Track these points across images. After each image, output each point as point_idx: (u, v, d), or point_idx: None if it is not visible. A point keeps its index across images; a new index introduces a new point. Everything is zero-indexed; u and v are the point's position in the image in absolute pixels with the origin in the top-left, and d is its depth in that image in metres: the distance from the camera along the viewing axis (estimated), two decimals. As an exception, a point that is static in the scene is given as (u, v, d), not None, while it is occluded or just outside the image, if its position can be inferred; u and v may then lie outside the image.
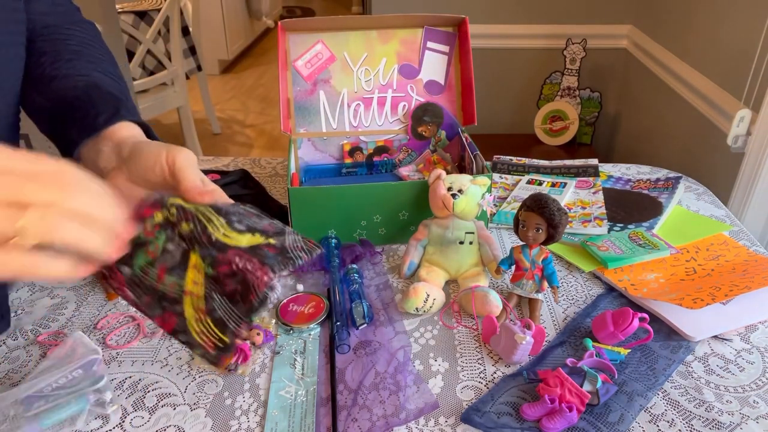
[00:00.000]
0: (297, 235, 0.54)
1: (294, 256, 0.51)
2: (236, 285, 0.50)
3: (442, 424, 0.65)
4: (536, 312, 0.80)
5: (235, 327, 0.50)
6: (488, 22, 2.09)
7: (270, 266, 0.49)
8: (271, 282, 0.49)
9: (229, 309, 0.50)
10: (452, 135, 1.11)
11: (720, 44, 1.49)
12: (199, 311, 0.50)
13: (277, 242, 0.51)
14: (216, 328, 0.50)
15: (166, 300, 0.50)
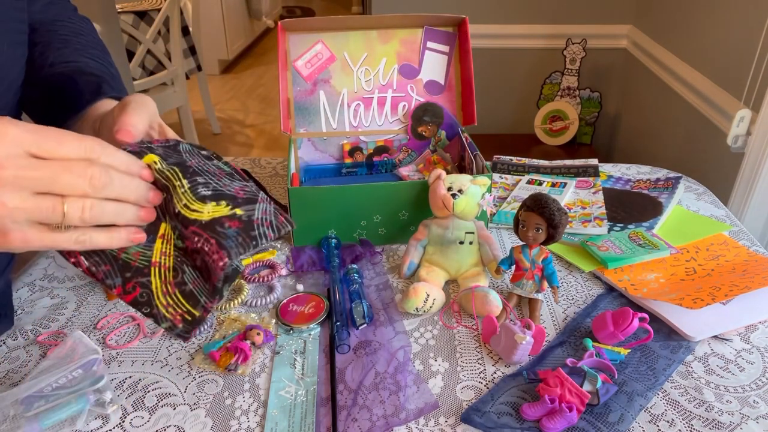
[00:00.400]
0: (270, 204, 0.50)
1: (259, 234, 0.48)
2: (202, 261, 0.48)
3: (442, 424, 0.65)
4: (536, 312, 0.80)
5: (207, 301, 0.48)
6: (488, 22, 2.09)
7: (227, 250, 0.46)
8: (226, 268, 0.47)
9: (201, 283, 0.49)
10: (452, 135, 1.11)
11: (720, 44, 1.49)
12: (168, 284, 0.48)
13: (244, 214, 0.48)
14: (185, 301, 0.49)
15: (129, 270, 0.48)
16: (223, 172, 0.50)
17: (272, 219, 0.49)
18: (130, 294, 0.48)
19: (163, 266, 0.48)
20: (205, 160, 0.50)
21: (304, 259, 0.92)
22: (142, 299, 0.48)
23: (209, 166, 0.50)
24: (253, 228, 0.48)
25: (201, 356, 0.73)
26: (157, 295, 0.48)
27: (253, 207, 0.49)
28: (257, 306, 0.83)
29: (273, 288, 0.85)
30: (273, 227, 0.49)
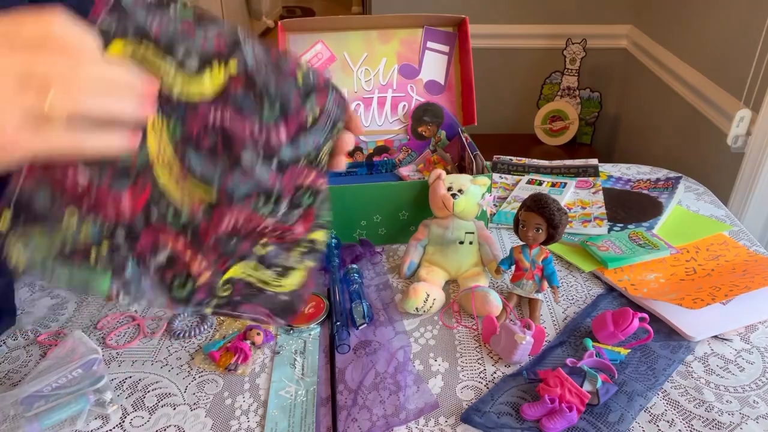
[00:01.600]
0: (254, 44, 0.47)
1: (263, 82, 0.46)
2: (214, 138, 0.46)
3: (442, 424, 0.65)
4: (536, 312, 0.80)
5: (219, 182, 0.47)
6: (488, 22, 2.09)
7: (248, 114, 0.46)
8: (256, 135, 0.47)
9: (210, 165, 0.46)
10: (452, 135, 1.11)
11: (720, 44, 1.49)
12: (176, 174, 0.46)
13: (238, 68, 0.46)
14: (200, 184, 0.47)
15: (134, 170, 0.44)
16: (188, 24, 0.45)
17: (264, 57, 0.47)
18: (141, 195, 0.45)
19: (162, 162, 0.45)
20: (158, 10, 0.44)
21: (304, 259, 0.92)
22: (155, 196, 0.46)
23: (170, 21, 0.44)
24: (253, 79, 0.47)
25: (201, 356, 0.73)
26: (168, 187, 0.46)
27: (240, 54, 0.46)
28: (257, 306, 0.83)
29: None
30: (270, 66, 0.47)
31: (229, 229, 0.50)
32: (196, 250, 0.49)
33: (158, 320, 0.80)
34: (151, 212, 0.46)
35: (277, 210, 0.52)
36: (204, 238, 0.49)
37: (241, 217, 0.50)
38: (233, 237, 0.50)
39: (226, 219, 0.49)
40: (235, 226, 0.50)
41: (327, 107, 0.52)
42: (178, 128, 0.45)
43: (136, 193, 0.45)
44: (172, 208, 0.47)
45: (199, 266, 0.49)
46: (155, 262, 0.47)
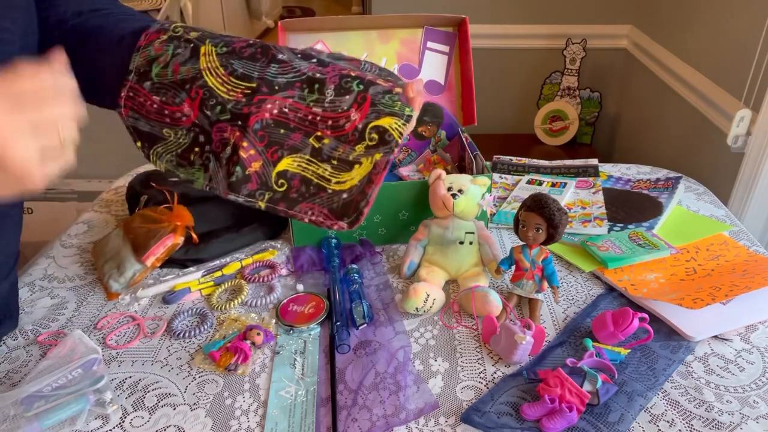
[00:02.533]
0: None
1: None
2: (253, 49, 0.57)
3: (442, 424, 0.65)
4: (536, 312, 0.80)
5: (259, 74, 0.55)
6: (488, 22, 2.09)
7: None
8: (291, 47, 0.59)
9: (250, 65, 0.55)
10: (452, 135, 1.11)
11: (720, 44, 1.49)
12: (221, 77, 0.55)
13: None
14: (241, 80, 0.56)
15: (187, 83, 0.55)
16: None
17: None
18: (196, 99, 0.55)
19: (212, 67, 0.55)
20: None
21: (304, 259, 0.92)
22: (206, 96, 0.55)
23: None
24: None
25: (201, 356, 0.73)
26: (215, 87, 0.55)
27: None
28: (257, 306, 0.83)
29: (273, 288, 0.85)
30: None
31: (274, 115, 0.55)
32: (242, 134, 0.55)
33: (158, 320, 0.80)
34: (206, 112, 0.55)
35: (323, 97, 0.56)
36: (248, 122, 0.55)
37: (285, 104, 0.55)
38: (282, 126, 0.55)
39: (268, 104, 0.55)
40: (282, 114, 0.55)
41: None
42: (223, 46, 0.56)
43: (192, 99, 0.55)
44: (219, 106, 0.55)
45: (248, 152, 0.55)
46: (225, 156, 0.55)
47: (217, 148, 0.56)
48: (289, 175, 0.56)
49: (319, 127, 0.56)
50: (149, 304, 0.84)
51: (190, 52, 0.56)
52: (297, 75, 0.56)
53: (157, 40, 0.57)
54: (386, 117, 0.57)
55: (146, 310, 0.82)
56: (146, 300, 0.84)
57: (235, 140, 0.55)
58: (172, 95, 0.56)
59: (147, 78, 0.56)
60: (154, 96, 0.56)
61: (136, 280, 0.85)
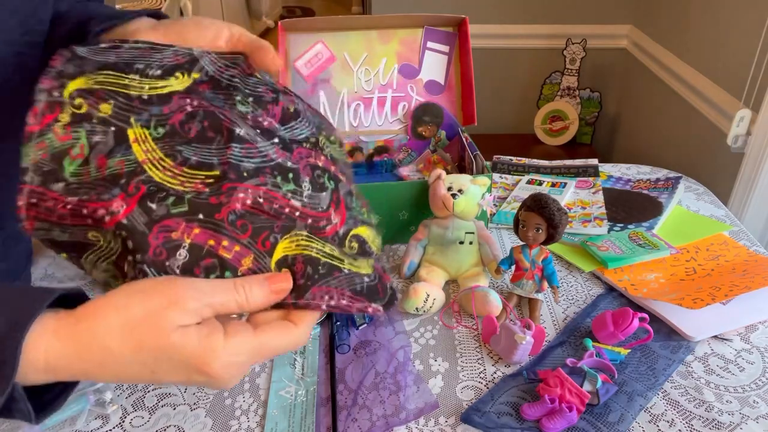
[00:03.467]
0: (210, 55, 0.49)
1: (227, 80, 0.49)
2: (200, 124, 0.44)
3: (442, 424, 0.65)
4: (536, 312, 0.80)
5: (219, 159, 0.44)
6: (488, 22, 2.09)
7: (223, 106, 0.46)
8: (241, 116, 0.46)
9: (204, 150, 0.44)
10: (452, 135, 1.11)
11: (720, 44, 1.49)
12: (170, 169, 0.43)
13: (201, 75, 0.47)
14: (198, 170, 0.43)
15: (121, 177, 0.42)
16: (144, 50, 0.47)
17: (222, 61, 0.50)
18: (135, 195, 0.41)
19: (154, 159, 0.43)
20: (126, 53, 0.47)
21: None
22: (152, 190, 0.42)
23: (125, 51, 0.47)
24: (218, 82, 0.48)
25: (201, 356, 0.73)
26: (165, 181, 0.42)
27: (199, 65, 0.48)
28: (257, 306, 0.83)
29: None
30: (231, 68, 0.49)
31: (248, 205, 0.43)
32: (216, 231, 0.42)
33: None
34: (149, 207, 0.41)
35: (300, 189, 0.46)
36: (219, 215, 0.43)
37: (259, 192, 0.44)
38: (259, 215, 0.44)
39: (240, 193, 0.43)
40: (256, 204, 0.44)
41: (298, 106, 0.51)
42: (159, 126, 0.44)
43: (128, 195, 0.42)
44: (173, 197, 0.42)
45: (231, 250, 0.42)
46: (177, 263, 0.41)
47: (158, 256, 0.41)
48: (290, 260, 0.44)
49: (297, 225, 0.45)
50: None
51: (115, 140, 0.42)
52: (265, 160, 0.45)
53: (57, 124, 0.42)
54: (362, 226, 0.50)
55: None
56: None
57: (199, 240, 0.42)
58: (97, 192, 0.41)
59: (57, 179, 0.41)
60: (69, 197, 0.41)
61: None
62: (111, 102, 0.43)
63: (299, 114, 0.50)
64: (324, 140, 0.52)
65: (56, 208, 0.42)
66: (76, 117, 0.42)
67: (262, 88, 0.49)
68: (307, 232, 0.45)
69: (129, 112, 0.43)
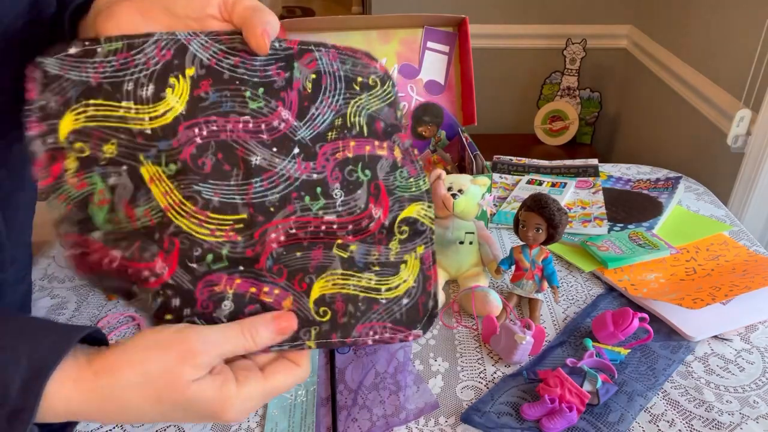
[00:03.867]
0: (199, 36, 0.43)
1: (228, 68, 0.43)
2: (214, 157, 0.41)
3: (442, 424, 0.65)
4: (536, 312, 0.80)
5: (243, 198, 0.42)
6: (488, 22, 2.09)
7: (232, 109, 0.42)
8: (254, 127, 0.42)
9: (224, 188, 0.42)
10: (452, 135, 1.11)
11: (720, 44, 1.49)
12: (194, 214, 0.41)
13: (196, 68, 0.42)
14: (225, 215, 0.42)
15: (154, 232, 0.41)
16: (123, 54, 0.41)
17: (216, 44, 0.43)
18: (172, 252, 0.41)
19: (175, 204, 0.41)
20: (86, 58, 0.41)
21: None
22: (185, 245, 0.41)
23: (103, 63, 0.41)
24: (218, 72, 0.42)
25: (201, 356, 0.73)
26: (193, 231, 0.41)
27: (189, 54, 0.42)
28: (257, 306, 0.83)
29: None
30: (228, 50, 0.43)
31: (282, 242, 0.43)
32: (257, 280, 0.43)
33: (158, 320, 0.80)
34: (191, 266, 0.42)
35: (332, 201, 0.44)
36: (258, 264, 0.43)
37: (290, 223, 0.43)
38: (295, 249, 0.44)
39: (272, 234, 0.43)
40: (290, 236, 0.43)
41: (319, 66, 0.45)
42: (170, 163, 0.41)
43: (166, 253, 0.41)
44: (211, 254, 0.42)
45: (272, 295, 0.43)
46: (224, 313, 0.42)
47: (205, 309, 0.42)
48: (328, 299, 0.44)
49: (338, 234, 0.45)
50: (149, 304, 0.84)
51: (132, 181, 0.41)
52: (289, 183, 0.43)
53: (68, 173, 0.40)
54: (410, 205, 0.47)
55: (146, 310, 0.82)
56: (146, 300, 0.84)
57: (242, 290, 0.43)
58: (138, 249, 0.41)
59: (91, 227, 0.41)
60: (112, 250, 0.41)
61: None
62: (113, 141, 0.40)
63: (320, 87, 0.45)
64: (355, 104, 0.46)
65: (102, 262, 0.41)
66: (84, 162, 0.40)
67: (272, 69, 0.43)
68: (341, 270, 0.45)
69: (135, 150, 0.41)
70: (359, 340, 0.45)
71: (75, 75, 0.40)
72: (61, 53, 0.40)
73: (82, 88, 0.40)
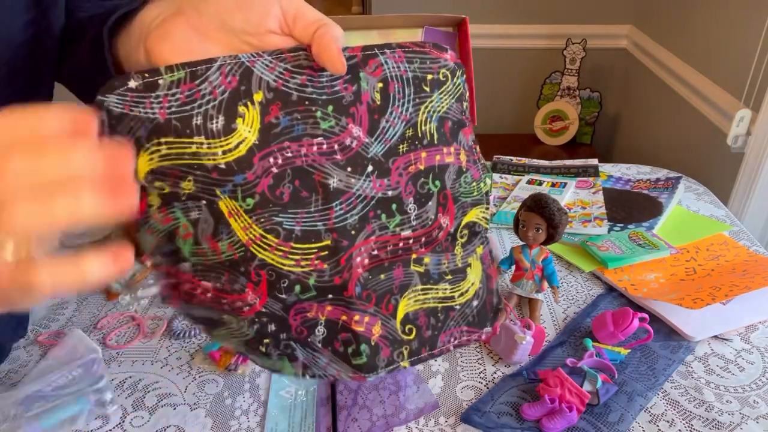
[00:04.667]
0: (263, 56, 0.41)
1: (296, 89, 0.41)
2: (291, 185, 0.40)
3: (442, 424, 0.65)
4: (536, 312, 0.80)
5: (325, 225, 0.41)
6: (488, 22, 2.09)
7: (305, 133, 0.40)
8: (328, 148, 0.40)
9: (303, 215, 0.41)
10: (452, 135, 1.11)
11: (720, 44, 1.49)
12: (278, 248, 0.41)
13: (264, 93, 0.40)
14: (308, 244, 0.41)
15: (240, 265, 0.41)
16: (187, 85, 0.39)
17: (281, 64, 0.41)
18: (260, 283, 0.41)
19: (257, 238, 0.40)
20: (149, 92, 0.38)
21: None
22: (272, 277, 0.41)
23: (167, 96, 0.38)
24: (287, 94, 0.40)
25: (201, 356, 0.73)
26: (280, 263, 0.41)
27: (255, 77, 0.40)
28: (257, 306, 0.83)
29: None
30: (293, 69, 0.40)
31: (367, 265, 0.43)
32: (348, 308, 0.43)
33: (158, 320, 0.80)
34: (280, 296, 0.42)
35: (407, 216, 0.44)
36: (347, 292, 0.42)
37: (370, 245, 0.43)
38: (379, 272, 0.43)
39: (357, 259, 0.42)
40: (373, 258, 0.43)
41: (386, 72, 0.43)
42: (247, 197, 0.39)
43: (255, 284, 0.41)
44: (298, 285, 0.41)
45: (363, 323, 0.43)
46: (317, 339, 0.43)
47: (300, 334, 0.43)
48: (412, 316, 0.45)
49: (413, 249, 0.45)
50: (149, 304, 0.84)
51: (212, 216, 0.40)
52: (366, 203, 0.42)
53: (152, 209, 0.40)
54: (472, 209, 0.48)
55: (146, 310, 0.82)
56: (146, 300, 0.84)
57: (333, 317, 0.43)
58: (228, 281, 0.41)
59: (179, 259, 0.41)
60: (203, 281, 0.41)
61: (136, 280, 0.85)
62: (190, 178, 0.39)
63: (388, 96, 0.43)
64: (425, 110, 0.44)
65: (196, 293, 0.41)
66: (165, 198, 0.39)
67: (339, 84, 0.41)
68: (421, 285, 0.45)
69: (212, 186, 0.39)
70: (443, 349, 0.46)
71: (141, 111, 0.38)
72: (120, 88, 0.37)
73: (150, 126, 0.38)
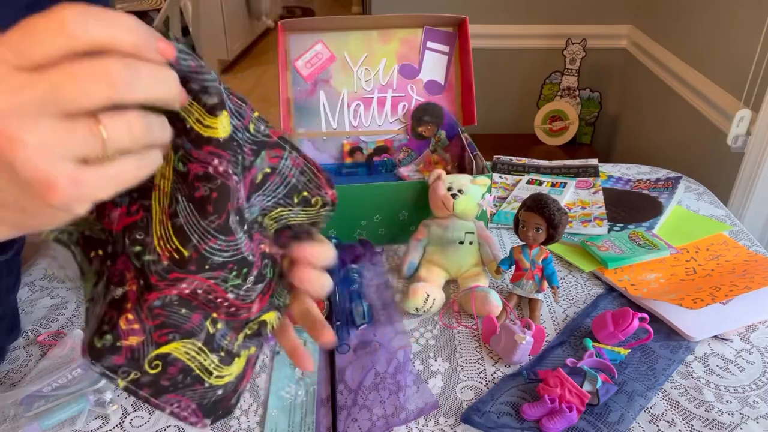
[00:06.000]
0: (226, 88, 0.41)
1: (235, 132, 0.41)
2: (208, 191, 0.39)
3: (442, 424, 0.65)
4: (536, 312, 0.80)
5: (199, 241, 0.40)
6: (488, 22, 2.09)
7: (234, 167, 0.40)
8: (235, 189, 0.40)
9: (194, 218, 0.40)
10: (452, 135, 1.11)
11: (720, 44, 1.49)
12: (164, 212, 0.40)
13: (232, 122, 0.40)
14: (175, 236, 0.40)
15: (136, 190, 0.40)
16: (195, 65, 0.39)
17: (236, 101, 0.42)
18: (132, 216, 0.41)
19: (162, 190, 0.40)
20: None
21: (304, 259, 0.91)
22: (142, 224, 0.40)
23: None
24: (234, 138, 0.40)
25: (201, 356, 0.73)
26: (154, 222, 0.40)
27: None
28: (257, 306, 0.83)
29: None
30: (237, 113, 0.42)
31: (184, 294, 0.42)
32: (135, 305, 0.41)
33: (158, 320, 0.80)
34: (128, 239, 0.40)
35: (243, 284, 0.44)
36: (149, 294, 0.41)
37: (203, 285, 0.42)
38: (185, 305, 0.42)
39: (183, 284, 0.41)
40: (193, 294, 0.42)
41: (279, 165, 0.45)
42: (180, 162, 0.39)
43: (126, 212, 0.41)
44: (144, 247, 0.40)
45: (130, 325, 0.41)
46: (112, 293, 0.41)
47: (114, 278, 0.41)
48: (170, 359, 0.43)
49: (220, 310, 0.44)
50: (149, 304, 0.84)
51: None
52: (234, 255, 0.42)
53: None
54: (272, 312, 0.49)
55: (146, 310, 0.82)
56: (146, 300, 0.84)
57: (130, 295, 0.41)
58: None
59: None
60: None
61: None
62: None
63: (265, 182, 0.45)
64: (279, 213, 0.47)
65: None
66: None
67: (247, 147, 0.43)
68: (202, 343, 0.45)
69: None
70: (160, 405, 0.46)
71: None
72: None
73: None
